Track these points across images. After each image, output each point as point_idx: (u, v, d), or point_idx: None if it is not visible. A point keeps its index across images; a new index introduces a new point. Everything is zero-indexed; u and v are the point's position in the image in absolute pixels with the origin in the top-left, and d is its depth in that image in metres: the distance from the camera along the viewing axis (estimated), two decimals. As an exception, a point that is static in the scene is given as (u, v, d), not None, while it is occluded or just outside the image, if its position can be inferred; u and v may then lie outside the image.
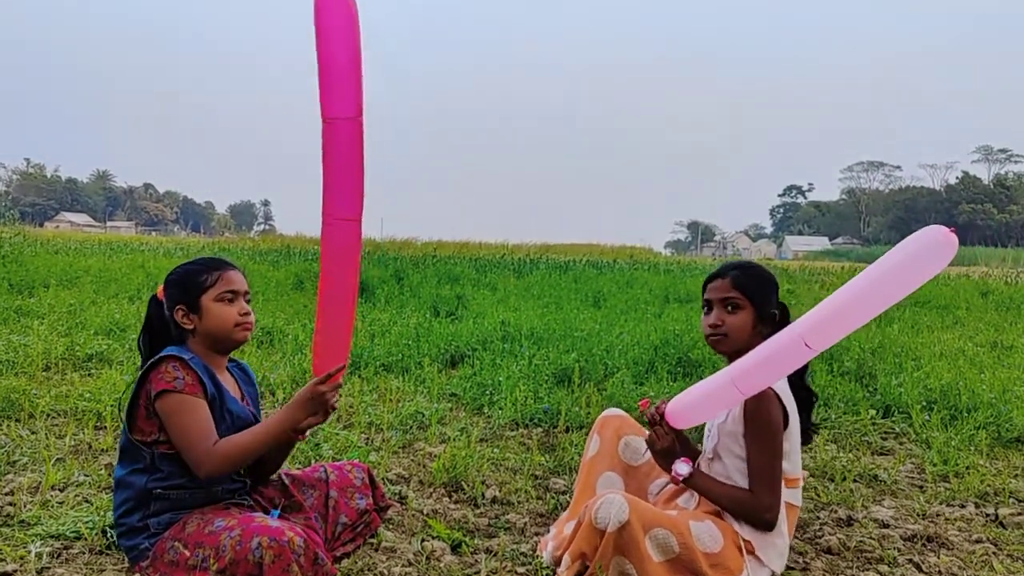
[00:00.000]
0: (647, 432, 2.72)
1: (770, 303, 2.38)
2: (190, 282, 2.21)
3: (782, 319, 2.44)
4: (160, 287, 2.28)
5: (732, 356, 2.42)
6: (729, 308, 2.38)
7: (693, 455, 2.51)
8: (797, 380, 2.43)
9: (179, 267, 2.27)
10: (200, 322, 2.20)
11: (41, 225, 74.92)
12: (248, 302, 2.28)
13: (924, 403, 5.21)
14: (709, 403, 2.32)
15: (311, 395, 2.06)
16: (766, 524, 2.25)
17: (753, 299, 2.37)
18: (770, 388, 2.25)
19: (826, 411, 5.07)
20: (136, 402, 2.12)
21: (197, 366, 2.13)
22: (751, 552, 2.27)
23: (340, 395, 2.18)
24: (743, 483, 2.30)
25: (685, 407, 2.36)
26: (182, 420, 2.04)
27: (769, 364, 2.15)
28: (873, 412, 4.99)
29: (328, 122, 2.02)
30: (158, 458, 2.09)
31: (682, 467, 2.32)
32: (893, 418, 5.03)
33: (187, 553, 1.96)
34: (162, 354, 2.12)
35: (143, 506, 2.10)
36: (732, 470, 2.32)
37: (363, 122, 2.04)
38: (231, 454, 2.04)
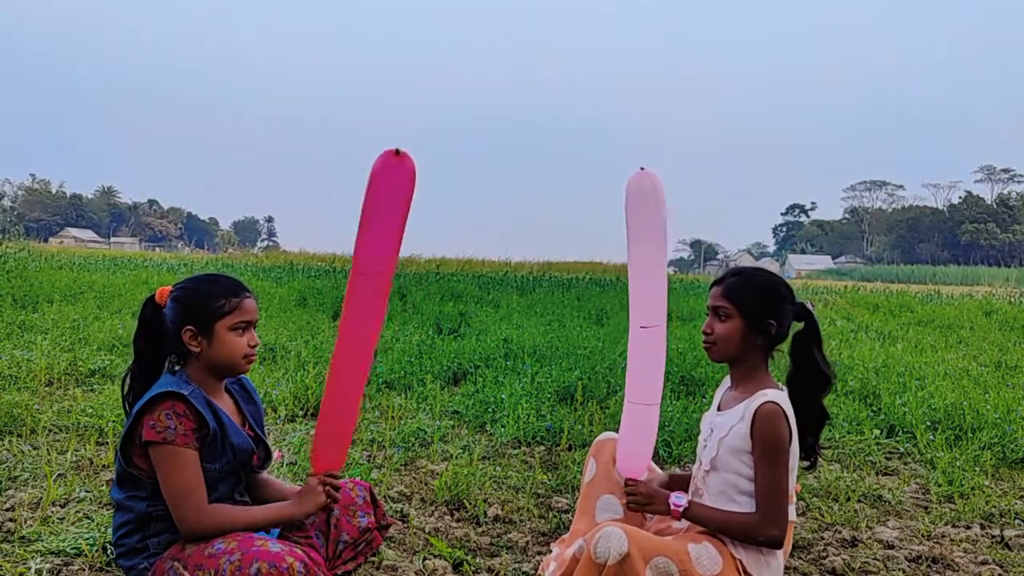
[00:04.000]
0: None
1: (764, 313, 2.31)
2: (206, 306, 2.11)
3: (807, 327, 2.37)
4: (160, 291, 2.18)
5: (731, 362, 2.40)
6: (720, 316, 2.34)
7: (683, 486, 2.49)
8: (810, 400, 2.37)
9: (192, 283, 2.16)
10: (208, 348, 2.12)
11: (46, 240, 75.12)
12: (255, 329, 2.22)
13: (928, 423, 5.19)
14: (637, 435, 2.37)
15: (306, 488, 2.16)
16: (775, 542, 2.22)
17: (742, 309, 2.31)
18: (778, 405, 2.23)
19: (830, 431, 5.05)
20: (131, 438, 2.07)
21: (198, 401, 2.07)
22: (748, 573, 2.25)
23: (336, 496, 2.23)
24: (739, 498, 2.28)
25: (629, 454, 2.40)
26: (171, 474, 2.00)
27: (636, 364, 2.37)
28: (877, 432, 4.97)
29: (359, 275, 2.18)
30: (158, 488, 2.06)
31: (679, 498, 2.29)
32: (897, 438, 5.01)
33: (186, 575, 1.95)
34: (160, 390, 2.04)
35: (143, 527, 2.08)
36: (728, 484, 2.30)
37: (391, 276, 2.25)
38: (219, 525, 2.02)
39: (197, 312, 2.12)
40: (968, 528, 3.50)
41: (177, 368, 2.18)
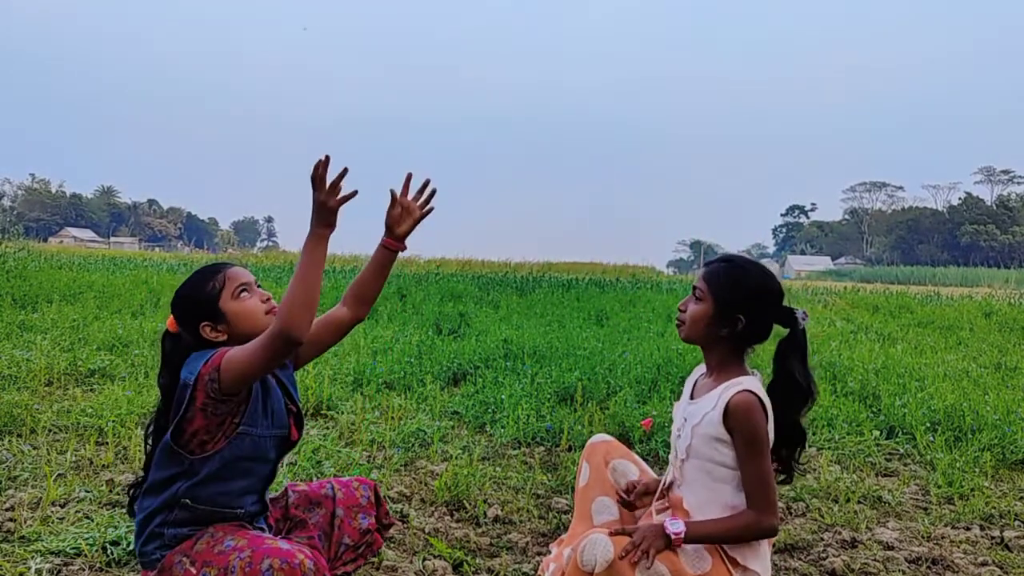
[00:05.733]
0: (634, 455, 2.71)
1: (733, 305, 2.26)
2: (200, 296, 2.13)
3: (790, 336, 2.30)
4: (170, 320, 2.18)
5: (700, 345, 2.37)
6: (696, 296, 2.33)
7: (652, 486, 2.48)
8: (789, 418, 2.30)
9: (179, 290, 2.18)
10: (230, 327, 2.12)
11: (45, 240, 75.15)
12: (260, 288, 2.22)
13: (928, 424, 5.19)
14: None
15: (316, 207, 2.05)
16: (774, 531, 2.21)
17: (715, 295, 2.28)
18: (751, 393, 2.20)
19: (830, 431, 5.05)
20: (189, 412, 2.02)
21: None
22: (739, 564, 2.25)
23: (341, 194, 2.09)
24: (715, 485, 2.26)
25: None
26: (241, 352, 1.96)
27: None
28: (877, 433, 4.97)
29: None
30: (197, 462, 2.04)
31: (675, 525, 2.17)
32: (897, 439, 5.01)
33: (193, 571, 1.94)
34: (206, 356, 2.02)
35: (166, 510, 2.06)
36: (704, 472, 2.28)
37: None
38: (287, 301, 1.94)
39: (198, 305, 2.13)
40: (968, 529, 3.50)
41: None
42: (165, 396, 2.16)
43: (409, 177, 2.35)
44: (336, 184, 2.07)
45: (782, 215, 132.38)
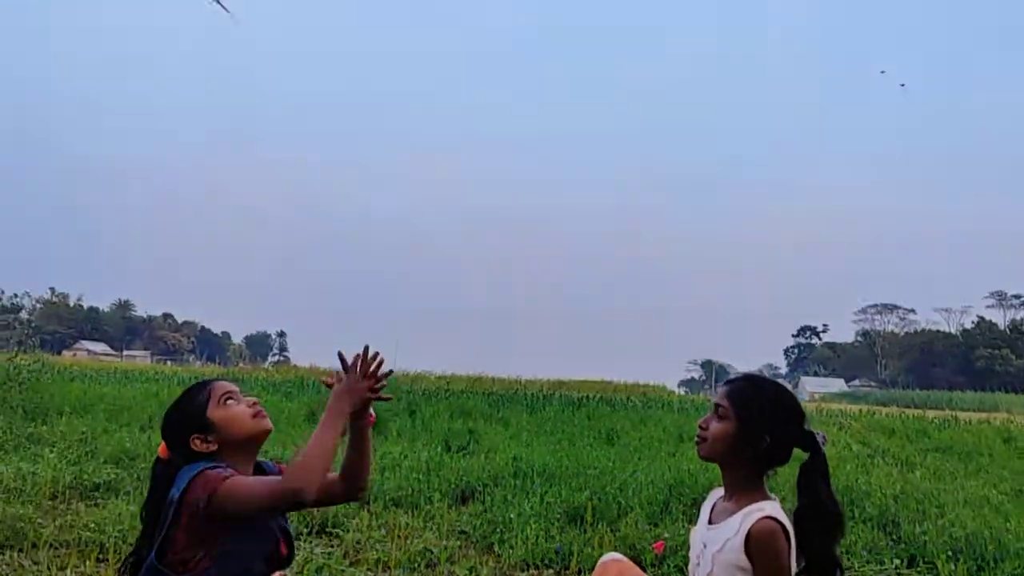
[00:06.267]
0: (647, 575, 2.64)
1: (759, 425, 2.23)
2: (188, 411, 2.18)
3: (812, 458, 2.25)
4: (161, 447, 2.21)
5: (720, 465, 2.32)
6: (718, 414, 2.29)
7: None
8: (820, 545, 2.20)
9: (167, 412, 2.24)
10: (219, 435, 2.15)
11: (59, 353, 75.57)
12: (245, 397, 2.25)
13: (950, 552, 5.02)
14: None
15: (347, 388, 2.17)
16: None
17: (739, 413, 2.25)
18: (774, 520, 2.14)
19: (848, 559, 4.89)
20: (173, 529, 2.02)
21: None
22: None
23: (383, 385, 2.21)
24: None
25: None
26: (245, 490, 1.99)
27: None
28: (898, 561, 4.82)
29: None
30: None
31: None
32: (918, 567, 4.85)
33: None
34: (195, 470, 2.04)
35: None
36: None
37: None
38: (303, 462, 2.00)
39: (188, 420, 2.17)
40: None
41: None
42: (146, 527, 2.15)
43: (359, 355, 2.23)
44: (368, 372, 2.19)
45: (793, 336, 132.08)
